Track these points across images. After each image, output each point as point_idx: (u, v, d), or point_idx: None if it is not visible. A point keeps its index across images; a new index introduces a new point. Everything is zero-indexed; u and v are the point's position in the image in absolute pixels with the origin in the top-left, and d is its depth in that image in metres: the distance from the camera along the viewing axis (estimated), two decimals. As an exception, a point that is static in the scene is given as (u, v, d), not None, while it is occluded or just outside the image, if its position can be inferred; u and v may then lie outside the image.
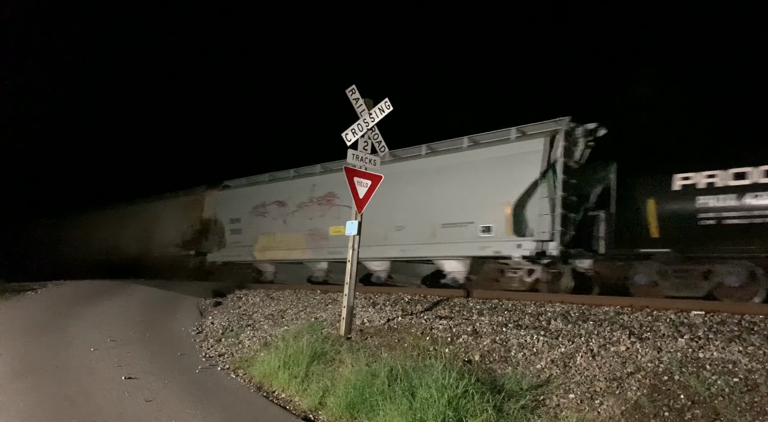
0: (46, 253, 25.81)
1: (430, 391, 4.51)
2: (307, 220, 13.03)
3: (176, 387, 5.91)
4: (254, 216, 14.61)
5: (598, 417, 4.29)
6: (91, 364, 6.62)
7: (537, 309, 7.30)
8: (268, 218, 14.17)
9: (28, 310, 9.91)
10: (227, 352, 7.56)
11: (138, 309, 10.25)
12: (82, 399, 5.34)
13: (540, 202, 9.32)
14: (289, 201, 13.76)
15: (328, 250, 12.40)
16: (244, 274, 14.79)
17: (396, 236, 11.21)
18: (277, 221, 13.94)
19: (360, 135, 7.44)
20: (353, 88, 7.44)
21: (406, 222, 11.11)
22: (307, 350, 6.26)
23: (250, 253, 14.50)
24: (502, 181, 9.81)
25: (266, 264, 14.47)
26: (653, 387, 4.44)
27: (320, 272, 12.93)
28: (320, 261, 12.87)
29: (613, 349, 5.20)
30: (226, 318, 9.56)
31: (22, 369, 6.24)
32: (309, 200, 13.16)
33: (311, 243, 12.86)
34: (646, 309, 6.83)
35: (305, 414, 5.33)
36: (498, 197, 9.78)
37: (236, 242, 15.12)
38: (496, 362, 5.51)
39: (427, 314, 7.55)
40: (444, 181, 10.75)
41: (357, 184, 7.30)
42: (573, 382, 4.80)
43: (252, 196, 14.95)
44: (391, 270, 11.65)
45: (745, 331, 5.40)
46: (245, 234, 14.83)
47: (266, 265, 14.52)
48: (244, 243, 14.78)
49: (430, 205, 10.82)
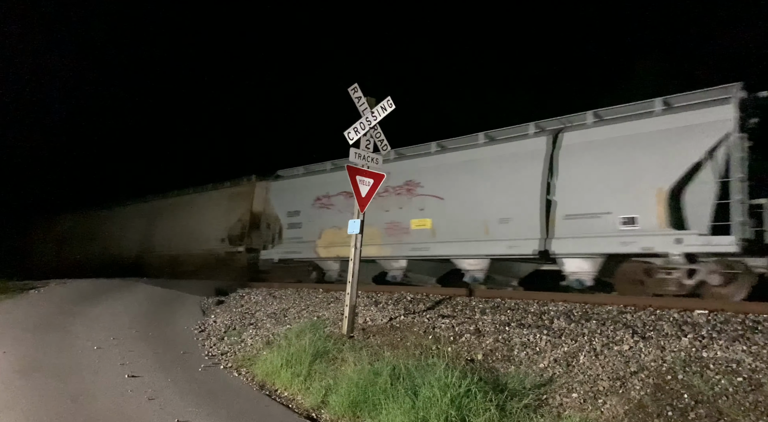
0: (66, 252, 24.03)
1: (433, 390, 4.51)
2: (383, 213, 11.47)
3: (179, 385, 5.92)
4: (317, 208, 13.09)
5: (602, 416, 4.28)
6: (94, 362, 6.63)
7: (540, 308, 7.28)
8: (334, 211, 12.63)
9: (32, 308, 9.93)
10: (230, 351, 7.57)
11: (140, 308, 10.27)
12: (85, 397, 5.35)
13: (708, 186, 7.75)
14: None
15: (411, 246, 11.00)
16: (303, 273, 13.49)
17: (500, 230, 9.68)
18: (345, 214, 12.12)
19: (362, 133, 7.43)
20: (355, 86, 7.44)
21: (513, 213, 9.56)
22: (309, 349, 6.26)
23: (313, 250, 12.92)
24: (650, 162, 8.17)
25: (331, 262, 12.85)
26: (657, 387, 4.43)
27: (397, 271, 11.50)
28: (398, 259, 11.46)
29: (617, 348, 5.19)
30: (229, 316, 9.58)
31: (25, 367, 6.25)
32: (384, 190, 11.35)
33: (388, 238, 11.47)
34: (649, 308, 6.81)
35: (308, 412, 5.33)
36: (646, 182, 8.15)
37: (295, 237, 13.58)
38: (498, 361, 5.51)
39: (430, 313, 7.55)
40: (566, 165, 9.11)
41: (359, 182, 7.30)
42: (576, 381, 4.79)
43: (312, 186, 13.46)
44: (491, 269, 10.09)
45: (749, 331, 5.38)
46: (306, 229, 13.31)
47: (331, 263, 12.89)
48: (304, 238, 13.24)
49: (547, 193, 9.21)
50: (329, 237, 12.67)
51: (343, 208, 12.26)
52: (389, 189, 11.56)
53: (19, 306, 10.09)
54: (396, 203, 11.43)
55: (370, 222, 11.13)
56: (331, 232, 12.65)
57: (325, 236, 12.78)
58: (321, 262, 13.11)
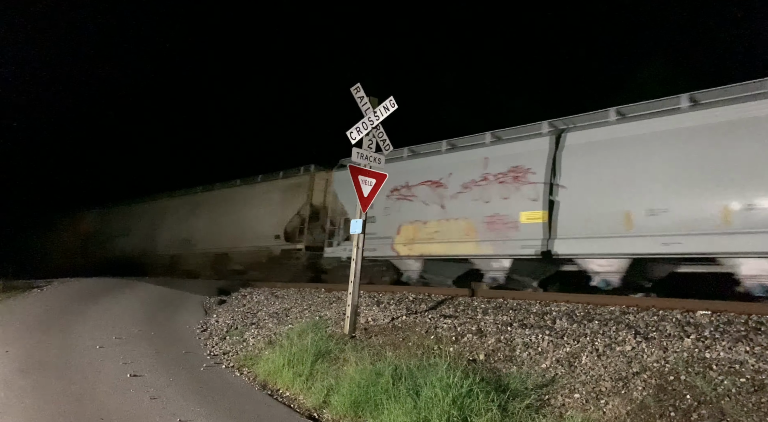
0: (88, 250, 22.66)
1: (435, 390, 4.50)
2: (481, 204, 10.04)
3: (181, 384, 5.93)
4: (393, 200, 11.59)
5: (604, 416, 4.27)
6: (96, 362, 6.64)
7: (542, 309, 7.27)
8: (416, 202, 11.20)
9: (35, 307, 9.95)
10: (232, 350, 7.58)
11: (143, 307, 10.29)
12: (87, 397, 5.36)
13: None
14: (448, 179, 10.67)
15: (521, 243, 9.36)
16: (375, 273, 11.92)
17: (649, 223, 8.03)
18: (431, 206, 10.89)
19: (365, 133, 7.43)
20: (358, 86, 7.43)
21: (668, 203, 7.92)
22: (311, 348, 6.27)
23: (389, 247, 11.47)
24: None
25: (411, 261, 11.34)
26: (659, 387, 4.42)
27: (498, 272, 9.96)
28: (500, 258, 9.88)
29: (619, 349, 5.18)
30: (231, 316, 9.59)
31: (28, 367, 6.27)
32: (482, 178, 10.17)
33: (488, 233, 9.88)
34: (652, 308, 6.79)
35: (309, 412, 5.33)
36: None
37: (366, 233, 12.07)
38: (500, 361, 5.50)
39: (432, 313, 7.54)
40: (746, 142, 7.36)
41: (362, 182, 7.30)
42: (578, 382, 4.78)
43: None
44: (629, 271, 8.47)
45: (752, 331, 5.36)
46: (380, 224, 11.73)
47: (410, 262, 11.42)
48: (378, 234, 11.63)
49: (721, 177, 7.51)
50: (409, 233, 11.24)
51: (427, 199, 10.97)
52: (488, 176, 10.03)
53: (22, 305, 10.12)
54: (499, 192, 9.84)
55: (462, 214, 10.32)
56: (411, 228, 11.21)
57: (405, 232, 11.33)
58: (398, 261, 11.63)
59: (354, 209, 11.76)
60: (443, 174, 10.86)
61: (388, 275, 11.92)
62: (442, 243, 10.63)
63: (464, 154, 10.86)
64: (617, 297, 7.67)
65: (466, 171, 10.48)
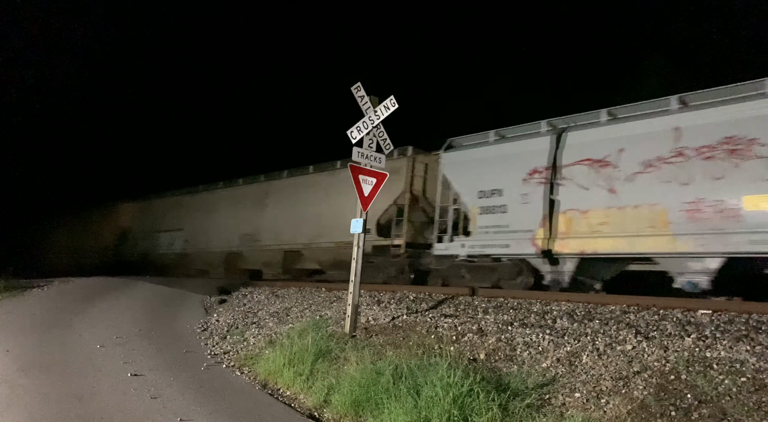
0: (122, 248, 20.98)
1: (435, 389, 4.50)
2: (677, 187, 8.13)
3: (182, 384, 5.93)
4: (534, 185, 9.70)
5: (604, 416, 4.27)
6: (97, 361, 6.65)
7: (542, 308, 7.27)
8: (569, 187, 9.27)
9: (36, 307, 9.96)
10: (232, 350, 7.58)
11: (143, 307, 10.30)
12: (88, 396, 5.36)
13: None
14: (618, 157, 8.77)
15: (748, 238, 7.43)
16: (507, 273, 10.00)
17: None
18: (593, 191, 8.97)
19: (365, 132, 7.42)
20: (358, 85, 7.43)
21: None
22: (312, 348, 6.27)
23: (528, 242, 9.58)
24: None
25: (562, 259, 9.40)
26: (660, 387, 4.42)
27: (699, 275, 7.96)
28: (704, 257, 7.92)
29: (620, 348, 5.17)
30: (231, 315, 9.59)
31: (29, 365, 6.27)
32: (675, 153, 8.22)
33: (688, 225, 7.96)
34: (653, 308, 6.79)
35: (310, 411, 5.33)
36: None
37: (494, 226, 10.18)
38: (501, 360, 5.50)
39: (432, 312, 7.54)
40: None
41: (362, 181, 7.30)
42: (579, 381, 4.78)
43: (522, 155, 10.04)
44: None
45: (752, 330, 5.35)
46: (514, 214, 9.90)
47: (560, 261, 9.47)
48: (512, 227, 9.87)
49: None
50: (562, 225, 9.29)
51: (586, 182, 9.05)
52: (684, 151, 8.12)
53: (26, 305, 10.14)
54: (706, 171, 7.92)
55: (646, 199, 8.38)
56: (563, 218, 9.27)
57: (554, 223, 9.43)
58: (540, 260, 9.67)
59: (472, 195, 10.55)
60: (609, 150, 8.88)
61: (522, 277, 9.86)
62: (612, 238, 8.68)
63: (639, 124, 8.82)
64: (618, 297, 7.66)
65: (645, 145, 8.53)
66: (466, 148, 11.29)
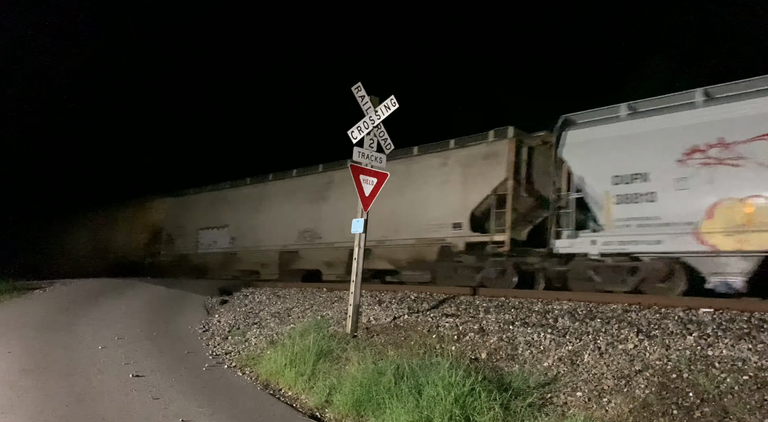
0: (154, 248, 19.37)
1: (437, 389, 4.50)
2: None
3: (183, 384, 5.93)
4: (693, 168, 8.13)
5: (606, 415, 4.27)
6: (99, 362, 6.65)
7: (544, 307, 7.27)
8: (748, 168, 7.68)
9: (38, 308, 9.97)
10: (234, 350, 7.58)
11: (145, 308, 10.30)
12: (90, 397, 5.36)
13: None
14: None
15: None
16: (653, 276, 8.54)
17: None
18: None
19: (366, 132, 7.42)
20: (359, 85, 7.42)
21: None
22: (313, 348, 6.27)
23: (689, 238, 8.06)
24: None
25: (733, 259, 7.82)
26: (662, 385, 4.41)
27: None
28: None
29: (621, 347, 5.17)
30: (233, 316, 9.60)
31: (31, 367, 6.28)
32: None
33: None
34: (654, 306, 6.79)
35: (312, 412, 5.33)
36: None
37: (638, 218, 8.60)
38: (503, 360, 5.50)
39: (434, 312, 7.54)
40: None
41: (363, 181, 7.29)
42: (581, 380, 4.78)
43: (674, 131, 8.41)
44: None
45: (754, 329, 5.35)
46: (667, 203, 8.34)
47: (731, 261, 7.85)
48: (664, 219, 8.32)
49: None
50: (733, 216, 7.75)
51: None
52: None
53: (28, 306, 10.15)
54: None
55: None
56: (739, 207, 7.72)
57: (725, 214, 7.83)
58: (702, 260, 8.13)
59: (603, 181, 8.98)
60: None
61: (674, 281, 8.39)
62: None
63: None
64: (620, 296, 7.66)
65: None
66: (589, 125, 9.60)
